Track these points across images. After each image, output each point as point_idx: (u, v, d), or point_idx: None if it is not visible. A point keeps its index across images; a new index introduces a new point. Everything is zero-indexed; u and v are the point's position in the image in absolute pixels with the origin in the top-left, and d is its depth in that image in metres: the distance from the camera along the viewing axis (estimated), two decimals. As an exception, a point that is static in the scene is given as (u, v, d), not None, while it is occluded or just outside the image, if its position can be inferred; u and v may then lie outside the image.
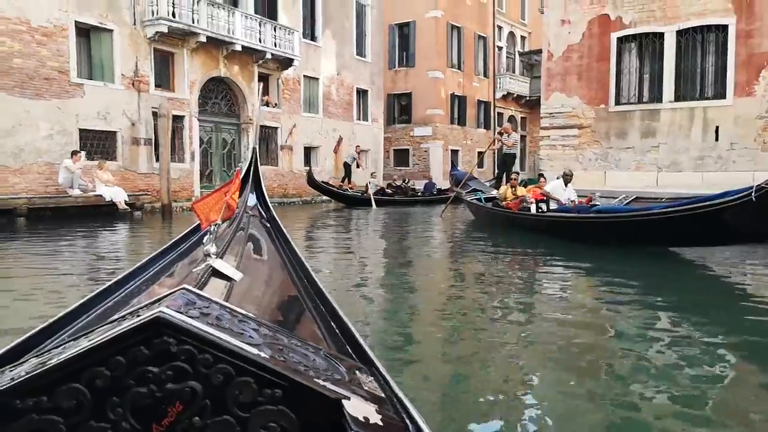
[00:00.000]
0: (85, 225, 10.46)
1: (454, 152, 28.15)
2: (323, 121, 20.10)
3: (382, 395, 1.13)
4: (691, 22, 11.68)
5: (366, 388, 1.10)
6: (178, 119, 14.77)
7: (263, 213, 3.55)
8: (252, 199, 3.60)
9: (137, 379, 0.87)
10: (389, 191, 19.03)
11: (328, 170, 20.35)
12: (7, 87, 11.35)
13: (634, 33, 12.17)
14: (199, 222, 2.33)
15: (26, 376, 0.87)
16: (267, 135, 17.98)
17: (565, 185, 8.64)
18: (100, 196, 11.97)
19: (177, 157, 14.89)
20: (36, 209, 11.05)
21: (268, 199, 3.77)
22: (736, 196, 4.97)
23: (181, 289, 1.08)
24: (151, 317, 0.88)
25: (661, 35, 11.94)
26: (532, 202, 8.40)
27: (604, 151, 12.63)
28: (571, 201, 8.48)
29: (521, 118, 33.81)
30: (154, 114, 13.84)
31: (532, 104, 33.60)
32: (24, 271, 6.20)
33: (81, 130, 12.71)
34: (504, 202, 9.46)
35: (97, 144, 13.17)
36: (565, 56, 12.91)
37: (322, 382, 0.94)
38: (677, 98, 11.98)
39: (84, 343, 0.90)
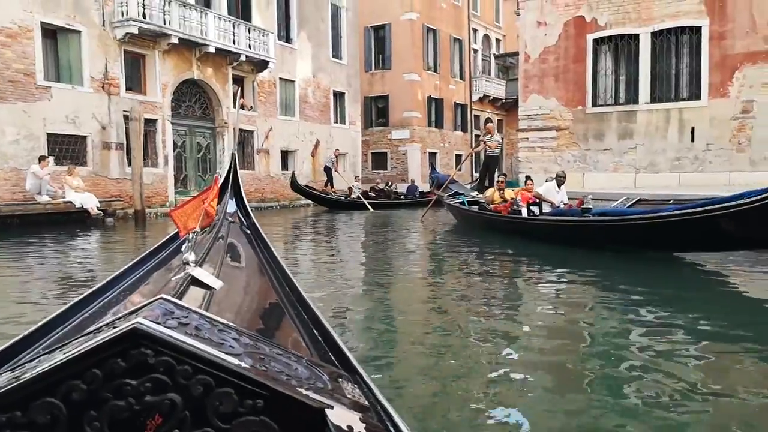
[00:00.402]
0: (55, 233, 10.09)
1: (432, 155, 28.15)
2: (300, 124, 19.88)
3: (366, 403, 1.12)
4: (666, 23, 11.78)
5: (349, 397, 1.08)
6: (150, 123, 14.41)
7: (243, 219, 3.50)
8: (232, 206, 3.55)
9: (115, 392, 0.85)
10: (372, 194, 18.97)
11: (306, 174, 20.09)
12: (-31, 90, 10.91)
13: (610, 34, 12.23)
14: (177, 230, 2.31)
15: None
16: (243, 138, 17.68)
17: (558, 187, 8.37)
18: (70, 202, 11.58)
19: (150, 161, 14.52)
20: (2, 217, 10.62)
21: (248, 205, 3.71)
22: (757, 197, 4.64)
23: (159, 298, 1.07)
24: (128, 328, 0.86)
25: (636, 37, 12.02)
26: (522, 206, 8.08)
27: (583, 153, 12.67)
28: (564, 203, 8.18)
29: (498, 120, 33.97)
30: (126, 117, 13.48)
31: (508, 106, 33.82)
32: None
33: (49, 135, 12.29)
34: (491, 206, 9.16)
35: (66, 149, 12.75)
36: (542, 58, 12.92)
37: (304, 392, 0.93)
38: (653, 99, 12.08)
39: (59, 356, 0.89)
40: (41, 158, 11.42)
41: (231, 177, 3.81)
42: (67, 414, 0.85)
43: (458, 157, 30.43)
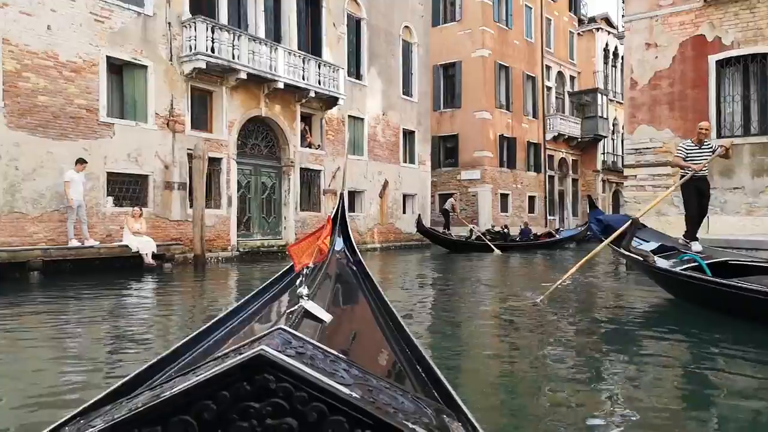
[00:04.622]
0: (108, 280, 9.14)
1: (504, 196, 26.46)
2: (368, 164, 18.73)
3: None
4: (810, 39, 9.93)
5: None
6: (215, 162, 13.56)
7: (350, 257, 3.59)
8: (339, 243, 3.65)
9: (240, 413, 0.89)
10: (488, 237, 19.00)
11: (373, 216, 18.83)
12: (29, 126, 10.27)
13: (738, 54, 10.42)
14: (292, 264, 2.67)
15: (142, 408, 0.91)
16: (309, 179, 16.67)
17: None
18: (126, 246, 10.65)
19: (213, 202, 13.60)
20: (53, 262, 9.76)
21: (355, 244, 3.78)
22: None
23: (278, 329, 1.12)
24: (254, 354, 0.89)
25: (772, 56, 10.21)
26: None
27: (706, 192, 10.74)
28: None
29: (572, 160, 32.04)
30: (190, 156, 12.65)
31: (583, 146, 31.89)
32: (24, 336, 4.73)
33: (109, 174, 11.54)
34: None
35: (127, 189, 11.96)
36: (653, 84, 11.21)
37: (411, 425, 0.94)
38: (796, 128, 10.11)
39: (192, 378, 0.94)
40: (79, 161, 10.38)
41: (339, 216, 3.87)
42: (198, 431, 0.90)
43: (531, 198, 28.50)
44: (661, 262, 6.30)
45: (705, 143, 6.95)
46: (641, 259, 6.38)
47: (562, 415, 3.06)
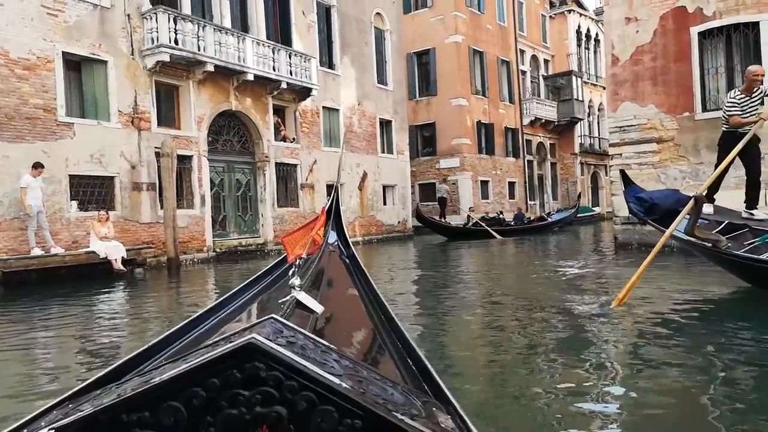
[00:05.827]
0: (75, 289, 8.55)
1: (484, 183, 26.19)
2: (346, 156, 18.20)
3: None
4: (793, 6, 9.70)
5: (443, 426, 1.07)
6: (185, 159, 12.94)
7: (343, 249, 3.57)
8: (332, 236, 3.58)
9: (229, 401, 0.88)
10: (483, 224, 19.28)
11: (353, 209, 18.35)
12: (-19, 129, 9.58)
13: (720, 25, 10.17)
14: (285, 255, 2.61)
15: (131, 393, 0.90)
16: (285, 173, 16.11)
17: None
18: (93, 252, 10.04)
19: (185, 202, 13.00)
20: (14, 273, 9.13)
21: (348, 237, 3.75)
22: None
23: (270, 318, 1.11)
24: (244, 342, 0.89)
25: (755, 25, 9.92)
26: None
27: (693, 168, 10.48)
28: None
29: (550, 144, 31.89)
30: (158, 155, 12.03)
31: (560, 129, 31.76)
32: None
33: (72, 177, 10.87)
34: None
35: (92, 192, 11.30)
36: (634, 59, 10.91)
37: (400, 416, 0.93)
38: (782, 98, 9.87)
39: (182, 365, 0.92)
40: (36, 165, 9.63)
41: (333, 209, 3.79)
42: (187, 418, 0.88)
43: (511, 184, 28.24)
44: (737, 248, 5.10)
45: (755, 91, 6.00)
46: (710, 245, 5.10)
47: (554, 410, 2.68)
